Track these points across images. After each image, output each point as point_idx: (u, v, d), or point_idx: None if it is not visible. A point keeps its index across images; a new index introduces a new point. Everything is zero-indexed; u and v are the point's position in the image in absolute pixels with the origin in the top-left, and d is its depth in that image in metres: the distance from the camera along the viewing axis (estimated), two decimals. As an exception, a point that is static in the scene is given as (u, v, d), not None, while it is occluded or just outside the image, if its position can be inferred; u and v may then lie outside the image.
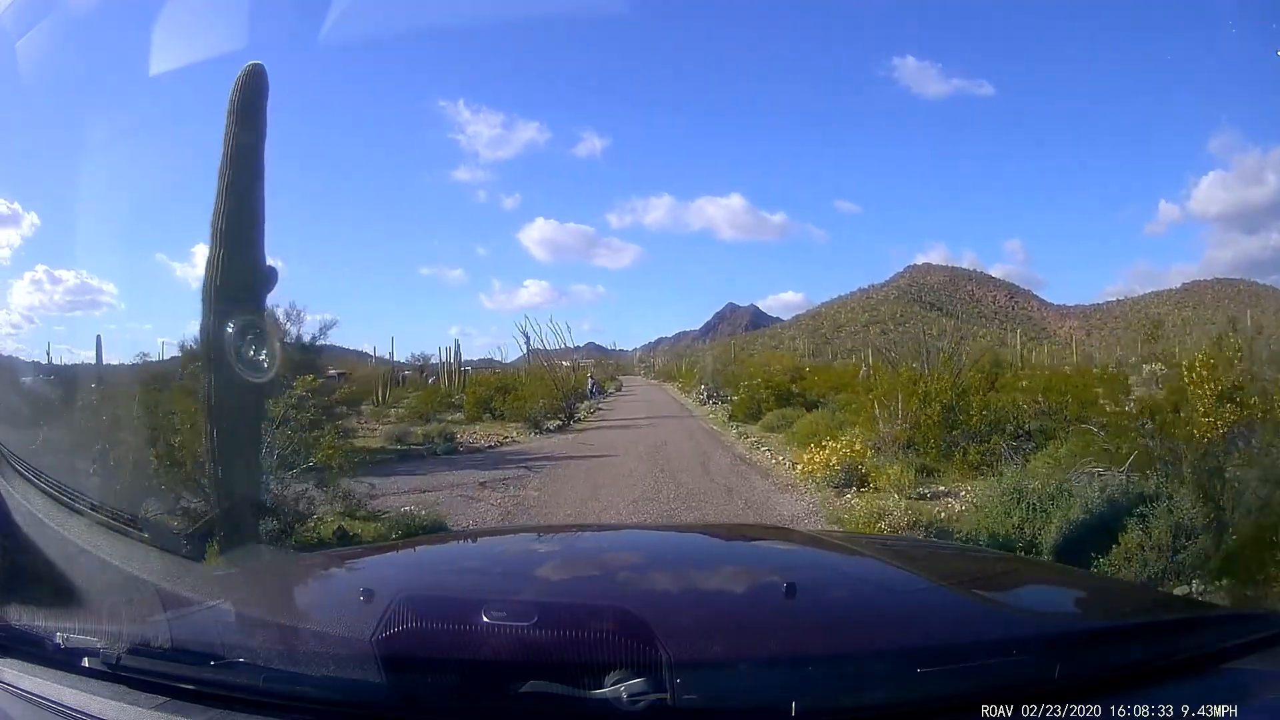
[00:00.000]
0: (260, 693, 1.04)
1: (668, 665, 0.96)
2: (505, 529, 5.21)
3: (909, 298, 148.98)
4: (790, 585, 1.31)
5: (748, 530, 3.54)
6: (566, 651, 1.08)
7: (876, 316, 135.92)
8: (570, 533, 2.84)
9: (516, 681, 0.97)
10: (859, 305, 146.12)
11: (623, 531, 3.19)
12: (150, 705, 1.06)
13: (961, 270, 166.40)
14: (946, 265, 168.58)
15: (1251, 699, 1.03)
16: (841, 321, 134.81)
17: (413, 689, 1.04)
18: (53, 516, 3.83)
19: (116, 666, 1.12)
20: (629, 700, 0.92)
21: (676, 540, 2.36)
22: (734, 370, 26.07)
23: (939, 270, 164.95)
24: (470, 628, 1.15)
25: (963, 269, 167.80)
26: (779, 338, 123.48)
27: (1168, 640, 1.23)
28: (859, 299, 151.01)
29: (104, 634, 1.17)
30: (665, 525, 5.52)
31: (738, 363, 30.68)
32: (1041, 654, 1.10)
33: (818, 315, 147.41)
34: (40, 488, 3.97)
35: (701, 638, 1.19)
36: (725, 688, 1.02)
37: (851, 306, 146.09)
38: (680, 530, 3.51)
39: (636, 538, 2.51)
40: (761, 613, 1.36)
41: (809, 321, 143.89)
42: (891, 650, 1.12)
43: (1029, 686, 1.00)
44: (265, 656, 1.09)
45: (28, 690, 1.15)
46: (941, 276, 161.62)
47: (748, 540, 2.37)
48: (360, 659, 1.05)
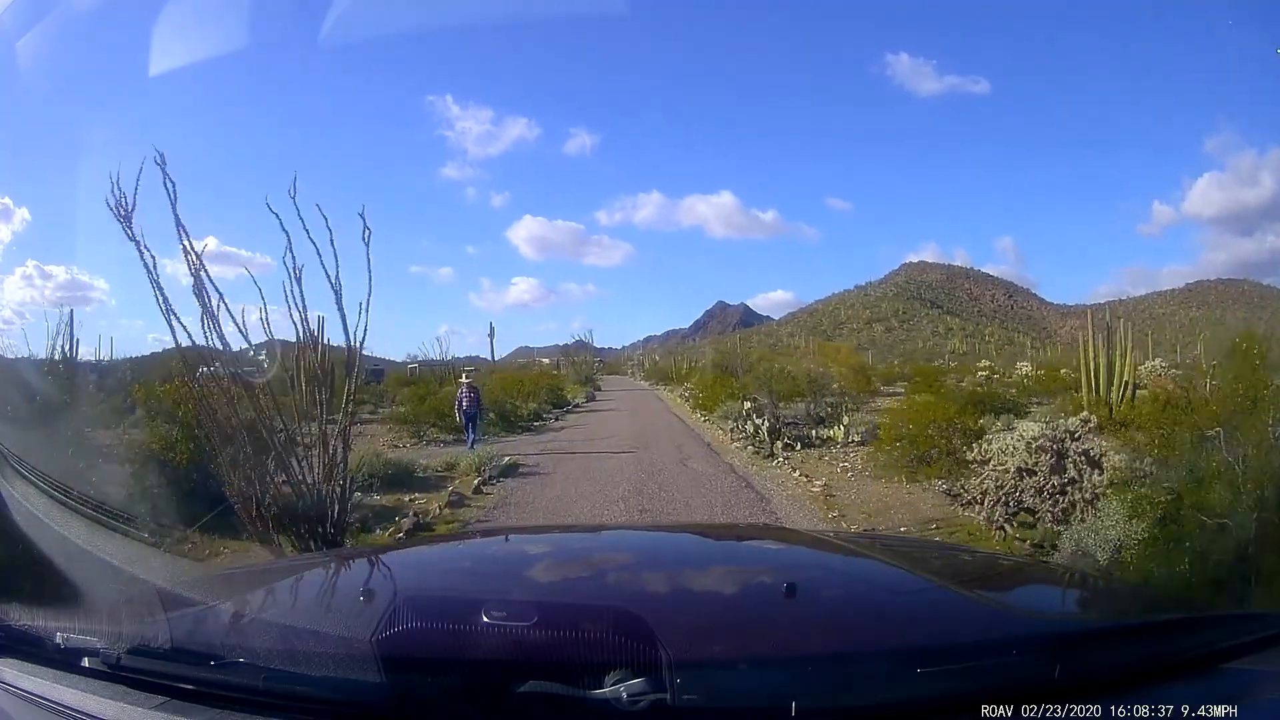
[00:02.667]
0: (260, 693, 1.03)
1: (668, 665, 0.95)
2: (505, 529, 5.21)
3: (908, 295, 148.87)
4: (790, 585, 1.31)
5: (747, 531, 3.54)
6: (566, 651, 1.08)
7: (878, 314, 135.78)
8: (570, 533, 2.85)
9: (516, 682, 0.97)
10: (858, 302, 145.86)
11: (622, 532, 3.19)
12: (150, 705, 1.06)
13: (959, 268, 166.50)
14: (943, 263, 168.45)
15: (1251, 699, 1.03)
16: (842, 318, 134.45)
17: (413, 689, 1.03)
18: (53, 516, 3.85)
19: (116, 666, 1.11)
20: (629, 700, 0.92)
21: (676, 541, 2.36)
22: (763, 367, 19.78)
23: (936, 268, 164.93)
24: (470, 628, 1.15)
25: (960, 267, 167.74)
26: (775, 335, 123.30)
27: (1168, 640, 1.23)
28: (857, 296, 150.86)
29: (104, 634, 1.17)
30: (665, 526, 5.52)
31: (764, 359, 24.12)
32: (1041, 654, 1.10)
33: (815, 312, 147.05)
34: (40, 488, 3.98)
35: (701, 638, 1.19)
36: (725, 688, 1.02)
37: (850, 303, 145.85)
38: (680, 530, 3.51)
39: (636, 538, 2.51)
40: (761, 613, 1.36)
41: (806, 318, 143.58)
42: (891, 650, 1.12)
43: (1029, 686, 1.00)
44: (265, 656, 1.09)
45: (28, 690, 1.15)
46: (939, 274, 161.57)
47: (747, 540, 2.37)
48: (360, 659, 1.04)
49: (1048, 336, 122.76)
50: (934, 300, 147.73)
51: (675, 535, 2.64)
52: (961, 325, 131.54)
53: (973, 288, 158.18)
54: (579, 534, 2.69)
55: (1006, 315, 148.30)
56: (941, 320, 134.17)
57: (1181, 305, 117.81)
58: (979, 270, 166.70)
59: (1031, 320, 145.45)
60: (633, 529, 4.05)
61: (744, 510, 7.47)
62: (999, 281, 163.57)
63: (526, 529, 4.33)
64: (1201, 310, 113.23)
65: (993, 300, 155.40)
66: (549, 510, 7.69)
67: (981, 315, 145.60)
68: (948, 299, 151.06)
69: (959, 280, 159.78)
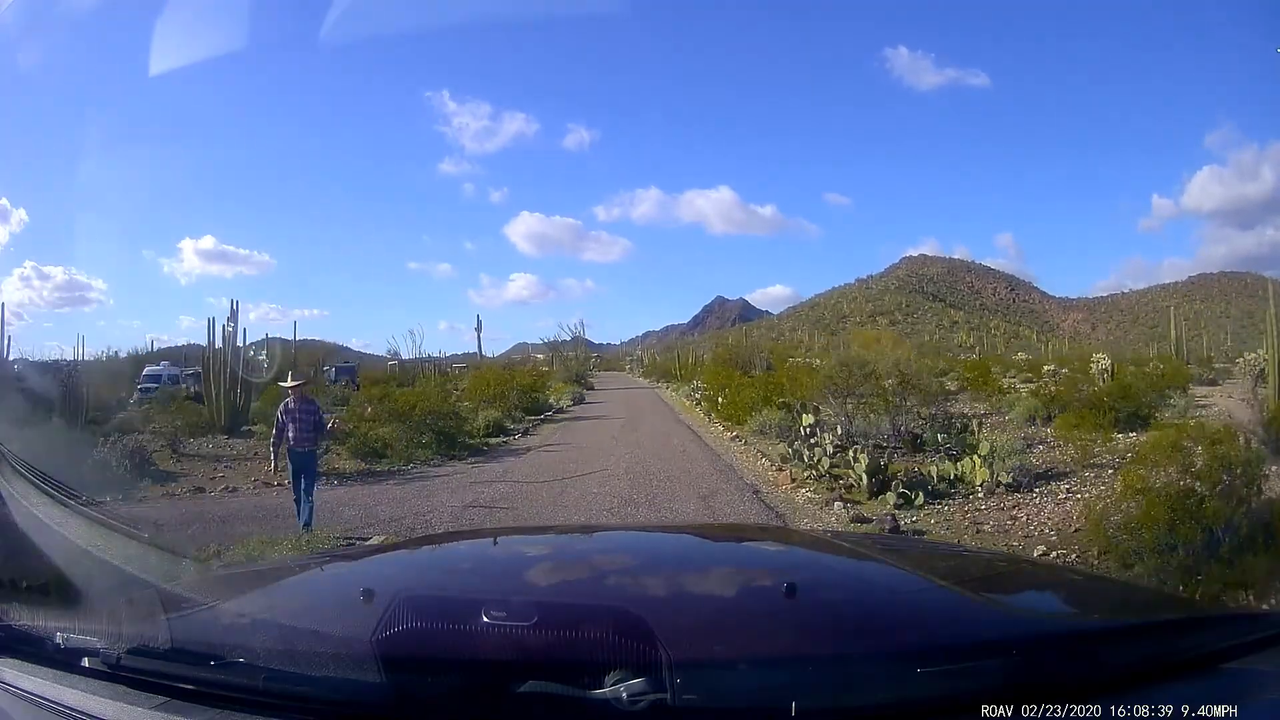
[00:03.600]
0: (260, 693, 1.03)
1: (668, 665, 0.95)
2: (505, 529, 5.21)
3: (909, 288, 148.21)
4: (790, 585, 1.30)
5: (747, 531, 3.54)
6: (566, 651, 1.08)
7: (881, 307, 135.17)
8: (570, 533, 2.84)
9: (516, 681, 0.97)
10: (860, 296, 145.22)
11: (622, 532, 3.19)
12: (150, 705, 1.06)
13: (960, 261, 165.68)
14: (944, 257, 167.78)
15: (1251, 699, 1.03)
16: (845, 312, 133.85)
17: (412, 689, 1.03)
18: (53, 516, 3.85)
19: (116, 666, 1.12)
20: (629, 700, 0.92)
21: (676, 541, 2.36)
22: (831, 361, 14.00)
23: (937, 261, 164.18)
24: (470, 628, 1.15)
25: (961, 260, 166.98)
26: (777, 329, 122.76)
27: (1168, 640, 1.23)
28: (858, 290, 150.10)
29: (104, 634, 1.17)
30: (665, 526, 5.52)
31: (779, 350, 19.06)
32: (1041, 654, 1.10)
33: (817, 305, 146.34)
34: (40, 488, 3.98)
35: (701, 638, 1.19)
36: (725, 688, 1.02)
37: (853, 296, 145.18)
38: (680, 531, 3.51)
39: (636, 538, 2.51)
40: (761, 613, 1.36)
41: (807, 312, 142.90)
42: (891, 650, 1.11)
43: (1029, 686, 1.00)
44: (265, 656, 1.09)
45: (28, 690, 1.15)
46: (940, 268, 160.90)
47: (747, 541, 2.37)
48: (360, 659, 1.04)
49: (1050, 330, 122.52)
50: (935, 294, 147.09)
51: (675, 535, 2.64)
52: (966, 319, 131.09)
53: (974, 281, 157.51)
54: (579, 534, 2.68)
55: (1008, 309, 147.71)
56: (944, 313, 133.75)
57: (1185, 298, 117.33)
58: (980, 264, 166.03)
59: (1034, 314, 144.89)
60: (633, 529, 4.05)
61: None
62: (1000, 275, 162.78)
63: (526, 529, 4.33)
64: (1205, 303, 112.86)
65: (994, 294, 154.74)
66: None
67: (984, 309, 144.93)
68: (949, 292, 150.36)
69: (960, 274, 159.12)
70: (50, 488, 4.16)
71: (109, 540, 4.34)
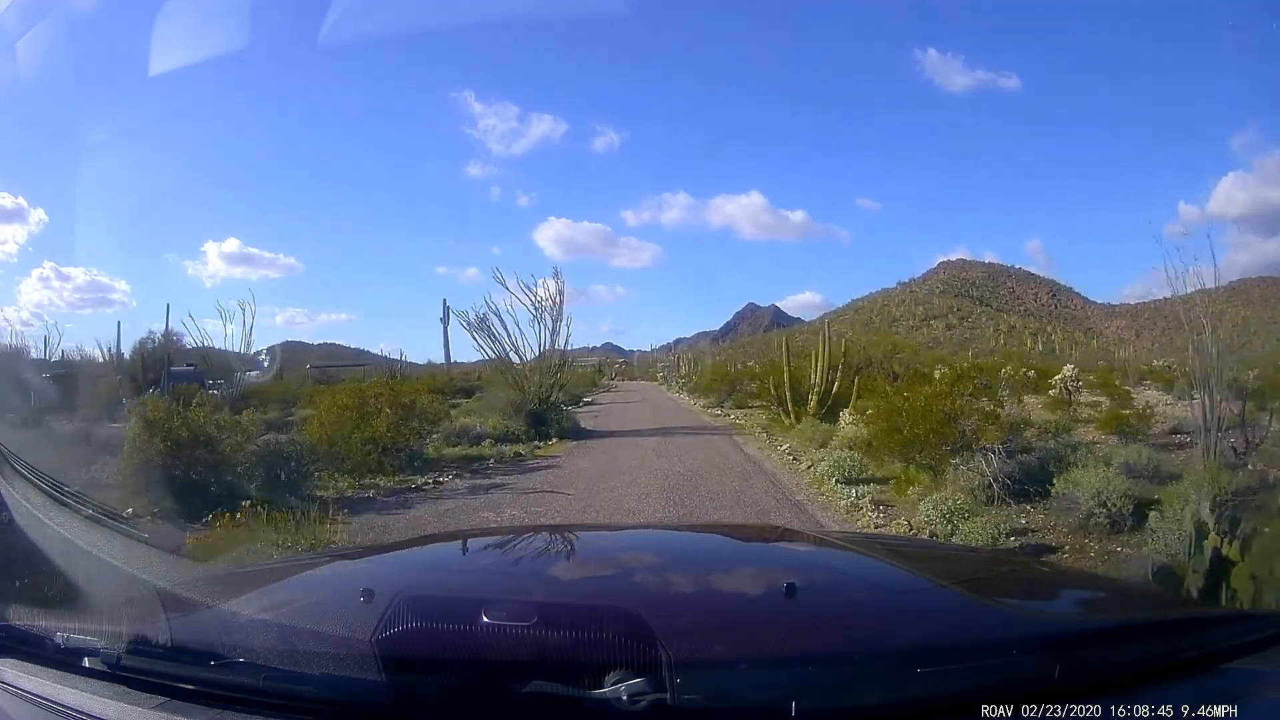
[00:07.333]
0: (260, 693, 1.04)
1: (668, 665, 0.95)
2: (505, 529, 5.21)
3: (953, 292, 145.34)
4: (790, 585, 1.30)
5: (748, 530, 3.53)
6: (566, 651, 1.08)
7: (933, 310, 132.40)
8: (570, 533, 2.84)
9: (516, 681, 0.97)
10: (908, 299, 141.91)
11: (622, 531, 3.19)
12: (150, 705, 1.06)
13: (999, 266, 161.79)
14: (983, 261, 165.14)
15: (1251, 699, 1.03)
16: (895, 315, 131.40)
17: (412, 689, 1.03)
18: (53, 516, 3.84)
19: (116, 666, 1.12)
20: (629, 700, 0.92)
21: (676, 540, 2.36)
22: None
23: (975, 266, 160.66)
24: (470, 628, 1.15)
25: (1000, 265, 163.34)
26: (820, 333, 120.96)
27: (1168, 640, 1.23)
28: (903, 293, 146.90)
29: (104, 634, 1.17)
30: (665, 525, 5.52)
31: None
32: (1041, 654, 1.10)
33: (861, 309, 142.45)
34: (40, 487, 3.98)
35: (702, 637, 1.19)
36: (725, 688, 1.02)
37: (899, 300, 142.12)
38: (680, 530, 3.51)
39: (636, 537, 2.51)
40: (762, 612, 1.36)
41: (852, 315, 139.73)
42: (891, 650, 1.11)
43: (1029, 686, 1.00)
44: (265, 656, 1.09)
45: (28, 690, 1.15)
46: (979, 272, 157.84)
47: (748, 540, 2.37)
48: (360, 659, 1.04)
49: (1095, 336, 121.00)
50: (980, 298, 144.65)
51: (675, 535, 2.64)
52: (1024, 324, 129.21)
53: (1014, 285, 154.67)
54: (579, 533, 2.68)
55: (1050, 314, 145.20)
56: (997, 318, 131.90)
57: (1227, 304, 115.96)
58: (1020, 268, 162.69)
59: (1076, 319, 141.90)
60: (633, 529, 4.05)
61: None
62: (1041, 280, 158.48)
63: (526, 529, 4.33)
64: (1249, 309, 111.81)
65: (1035, 299, 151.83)
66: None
67: (1027, 314, 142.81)
68: (992, 297, 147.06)
69: (1000, 278, 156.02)
70: (50, 486, 4.15)
71: (109, 540, 4.33)
